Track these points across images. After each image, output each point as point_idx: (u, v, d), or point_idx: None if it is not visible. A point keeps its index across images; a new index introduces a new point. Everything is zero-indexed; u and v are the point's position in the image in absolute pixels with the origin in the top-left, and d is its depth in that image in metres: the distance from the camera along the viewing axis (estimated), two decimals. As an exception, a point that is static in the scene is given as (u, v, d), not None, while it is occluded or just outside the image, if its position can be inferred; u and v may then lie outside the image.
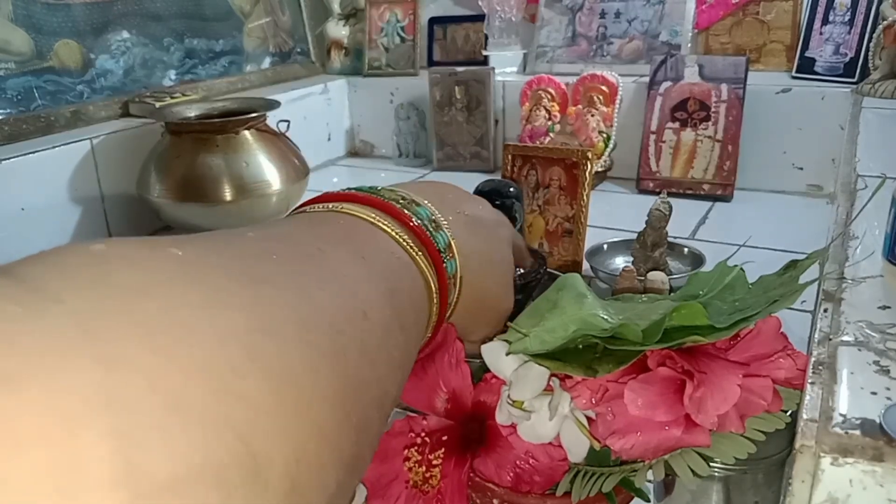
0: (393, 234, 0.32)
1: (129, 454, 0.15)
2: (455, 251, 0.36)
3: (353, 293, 0.26)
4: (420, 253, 0.33)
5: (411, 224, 0.33)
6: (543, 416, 0.36)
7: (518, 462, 0.38)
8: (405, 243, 0.32)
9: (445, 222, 0.36)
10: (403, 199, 0.34)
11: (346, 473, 0.22)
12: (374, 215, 0.32)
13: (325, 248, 0.27)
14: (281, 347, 0.20)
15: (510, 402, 0.37)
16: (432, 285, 0.33)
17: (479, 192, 0.63)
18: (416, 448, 0.40)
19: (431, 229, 0.34)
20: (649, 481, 0.38)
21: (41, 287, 0.17)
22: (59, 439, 0.14)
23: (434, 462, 0.39)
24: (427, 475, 0.39)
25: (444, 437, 0.40)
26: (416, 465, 0.40)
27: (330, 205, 0.33)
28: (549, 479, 0.38)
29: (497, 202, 0.63)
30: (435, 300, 0.34)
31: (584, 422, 0.36)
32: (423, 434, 0.40)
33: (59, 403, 0.14)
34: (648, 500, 0.39)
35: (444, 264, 0.34)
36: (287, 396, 0.19)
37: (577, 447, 0.37)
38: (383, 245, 0.31)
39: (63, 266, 0.18)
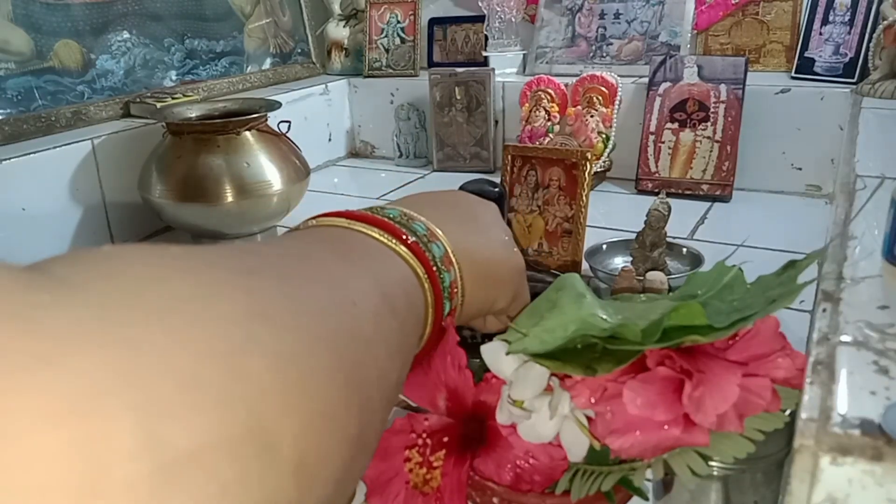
0: (366, 231, 0.35)
1: (150, 426, 0.16)
2: (436, 234, 0.38)
3: (339, 285, 0.28)
4: (394, 241, 0.35)
5: (386, 222, 0.36)
6: (544, 416, 0.36)
7: (518, 461, 0.38)
8: (380, 237, 0.35)
9: (421, 216, 0.38)
10: (372, 209, 0.37)
11: (351, 454, 0.24)
12: (345, 221, 0.35)
13: (306, 249, 0.30)
14: (277, 331, 0.22)
15: (511, 401, 0.37)
16: (418, 271, 0.35)
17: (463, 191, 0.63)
18: (417, 449, 0.40)
19: (403, 222, 0.37)
20: (648, 480, 0.38)
21: (65, 278, 0.18)
22: (86, 413, 0.15)
23: (435, 464, 0.39)
24: (428, 477, 0.39)
25: (445, 439, 0.40)
26: (417, 466, 0.40)
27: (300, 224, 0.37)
28: (549, 478, 0.38)
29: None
30: (426, 285, 0.36)
31: (584, 421, 0.36)
32: (424, 435, 0.40)
33: (86, 380, 0.16)
34: (647, 499, 0.39)
35: (426, 253, 0.36)
36: (289, 375, 0.21)
37: (577, 446, 0.37)
38: (359, 241, 0.34)
39: (81, 262, 0.20)
